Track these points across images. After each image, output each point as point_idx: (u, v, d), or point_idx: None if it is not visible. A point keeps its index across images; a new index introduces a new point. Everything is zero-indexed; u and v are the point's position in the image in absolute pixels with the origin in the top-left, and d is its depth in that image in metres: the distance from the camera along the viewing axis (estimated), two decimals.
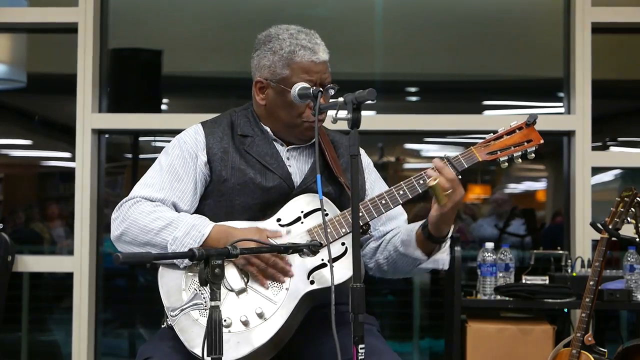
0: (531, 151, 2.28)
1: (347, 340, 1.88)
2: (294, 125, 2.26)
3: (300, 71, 2.20)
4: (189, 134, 2.30)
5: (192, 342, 2.06)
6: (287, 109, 2.24)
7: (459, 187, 2.14)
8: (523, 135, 2.28)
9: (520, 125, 2.30)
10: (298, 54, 2.21)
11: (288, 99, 2.21)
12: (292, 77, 2.21)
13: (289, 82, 2.21)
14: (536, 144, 2.28)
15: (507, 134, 2.29)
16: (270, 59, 2.24)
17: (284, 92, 2.22)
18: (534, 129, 2.29)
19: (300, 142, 2.31)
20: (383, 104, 4.49)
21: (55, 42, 4.55)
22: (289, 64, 2.21)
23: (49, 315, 5.12)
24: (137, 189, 2.25)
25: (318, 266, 2.15)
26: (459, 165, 2.22)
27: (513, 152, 2.26)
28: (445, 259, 2.28)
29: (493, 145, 2.27)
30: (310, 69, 2.20)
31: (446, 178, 2.12)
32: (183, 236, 2.12)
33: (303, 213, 2.22)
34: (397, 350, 2.19)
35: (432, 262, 2.26)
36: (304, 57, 2.20)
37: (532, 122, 2.29)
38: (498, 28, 4.65)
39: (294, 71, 2.21)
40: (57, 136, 5.33)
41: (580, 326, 2.83)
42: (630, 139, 4.92)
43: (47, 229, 5.50)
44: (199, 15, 4.57)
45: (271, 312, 2.10)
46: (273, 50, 2.24)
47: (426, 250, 2.23)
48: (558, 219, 5.31)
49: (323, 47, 2.25)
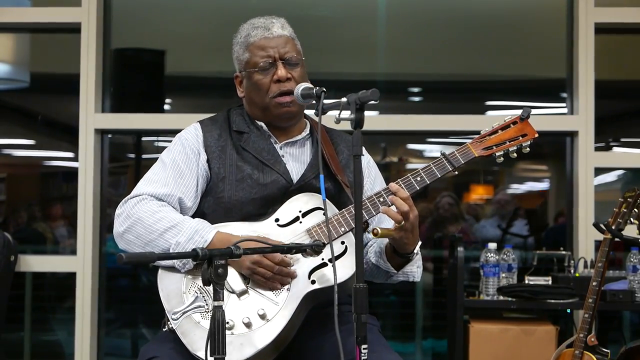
0: (526, 145, 2.28)
1: (350, 340, 1.88)
2: (267, 106, 2.29)
3: (257, 49, 2.27)
4: (189, 132, 2.32)
5: (195, 345, 2.06)
6: (256, 91, 2.29)
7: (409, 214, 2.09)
8: (518, 129, 2.29)
9: (514, 119, 2.30)
10: (252, 35, 2.29)
11: (254, 80, 2.28)
12: (252, 58, 2.28)
13: (251, 63, 2.28)
14: (531, 138, 2.28)
15: (501, 128, 2.29)
16: (236, 51, 2.34)
17: (250, 75, 2.29)
18: (528, 123, 2.30)
19: (282, 122, 2.32)
20: (385, 104, 4.48)
21: (58, 42, 4.54)
22: (247, 47, 2.29)
23: (52, 315, 5.12)
24: (141, 185, 2.26)
25: (318, 266, 2.15)
26: (456, 162, 2.23)
27: (508, 146, 2.27)
28: (415, 272, 2.29)
29: (488, 141, 2.28)
30: (264, 45, 2.27)
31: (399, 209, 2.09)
32: (186, 241, 2.12)
33: (301, 213, 2.22)
34: (399, 350, 2.19)
35: (402, 274, 2.28)
36: (256, 35, 2.28)
37: (526, 116, 2.29)
38: (501, 28, 4.64)
39: (251, 52, 2.28)
40: (60, 136, 5.33)
41: (583, 327, 2.83)
42: (633, 139, 4.91)
43: (50, 228, 5.50)
44: (202, 15, 4.56)
45: (273, 313, 2.10)
46: (236, 41, 2.34)
47: (395, 263, 2.24)
48: (561, 219, 5.30)
49: (279, 24, 2.30)
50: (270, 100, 2.27)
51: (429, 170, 2.22)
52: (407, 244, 2.16)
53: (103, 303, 4.03)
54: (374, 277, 2.34)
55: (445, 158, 2.22)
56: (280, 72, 2.24)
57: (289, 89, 2.24)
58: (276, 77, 2.25)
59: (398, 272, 2.25)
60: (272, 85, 2.26)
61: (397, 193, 2.12)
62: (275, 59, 2.25)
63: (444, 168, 2.23)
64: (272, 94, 2.26)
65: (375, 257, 2.27)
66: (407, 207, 2.09)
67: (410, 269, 2.27)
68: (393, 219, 2.10)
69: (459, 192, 6.58)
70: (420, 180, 2.20)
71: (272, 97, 2.26)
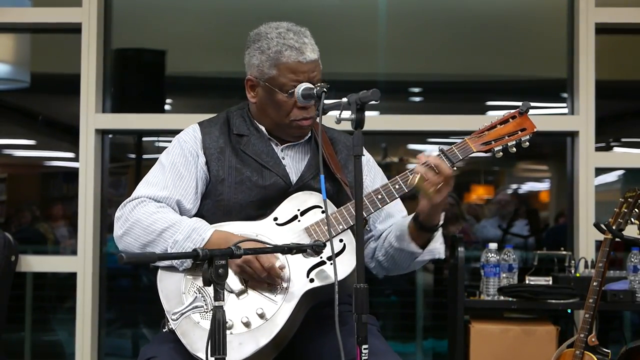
0: (525, 140, 2.26)
1: (349, 340, 1.88)
2: (283, 125, 2.26)
3: (287, 71, 2.20)
4: (188, 134, 2.31)
5: (194, 345, 2.06)
6: (275, 108, 2.25)
7: (449, 183, 2.13)
8: (517, 124, 2.26)
9: (513, 114, 2.28)
10: (284, 54, 2.20)
11: (276, 98, 2.22)
12: (279, 77, 2.21)
13: (277, 82, 2.21)
14: (530, 132, 2.26)
15: (500, 123, 2.27)
16: (259, 59, 2.24)
17: (272, 91, 2.22)
18: (527, 117, 2.27)
19: (293, 139, 2.31)
20: (386, 104, 4.48)
21: (59, 42, 4.54)
22: (276, 64, 2.21)
23: (53, 315, 5.13)
24: (140, 188, 2.26)
25: (317, 264, 2.15)
26: (454, 157, 2.21)
27: (507, 141, 2.25)
28: (439, 248, 2.28)
29: (487, 136, 2.25)
30: (296, 69, 2.19)
31: (443, 173, 2.11)
32: (183, 240, 2.12)
33: (299, 211, 2.22)
34: (400, 350, 2.19)
35: (428, 253, 2.26)
36: (290, 57, 2.19)
37: (525, 110, 2.27)
38: (501, 28, 4.64)
39: (280, 71, 2.20)
40: (61, 136, 5.33)
41: (583, 327, 2.83)
42: (633, 139, 4.91)
43: (51, 228, 5.51)
44: (202, 15, 4.57)
45: (272, 312, 2.10)
46: (261, 49, 2.23)
47: (420, 242, 2.23)
48: (561, 219, 5.31)
49: (311, 46, 2.22)
50: (290, 122, 2.24)
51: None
52: (437, 213, 2.17)
53: (104, 303, 4.03)
54: (397, 266, 2.32)
55: (444, 154, 2.21)
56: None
57: (312, 116, 2.23)
58: (300, 104, 2.20)
59: (424, 251, 2.25)
60: (294, 109, 2.22)
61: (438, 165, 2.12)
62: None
63: None
64: (293, 117, 2.23)
65: (398, 241, 2.25)
66: (451, 172, 2.11)
67: (435, 246, 2.26)
68: (432, 182, 2.11)
69: (460, 192, 6.58)
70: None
71: (292, 119, 2.24)
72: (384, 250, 2.31)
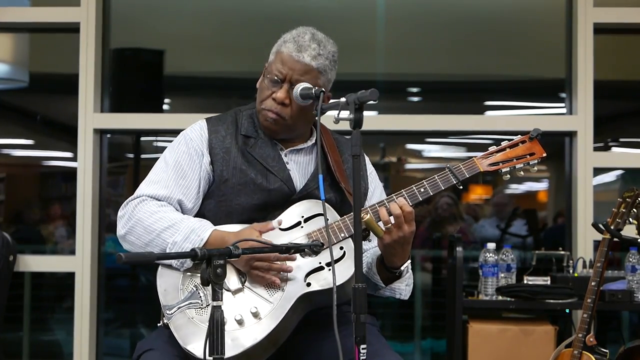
0: (533, 164, 2.30)
1: (348, 341, 1.88)
2: (258, 110, 2.30)
3: (279, 60, 2.23)
4: (195, 131, 2.31)
5: (186, 339, 2.07)
6: (259, 91, 2.30)
7: (404, 225, 2.11)
8: (526, 148, 2.32)
9: (523, 138, 2.33)
10: (286, 45, 2.24)
11: (262, 83, 2.27)
12: (272, 63, 2.26)
13: (269, 67, 2.27)
14: (538, 157, 2.31)
15: (510, 147, 2.32)
16: (274, 45, 2.30)
17: (264, 75, 2.28)
18: (537, 143, 2.32)
19: (265, 130, 2.30)
20: (385, 104, 4.48)
21: (58, 42, 4.54)
22: (277, 51, 2.26)
23: (51, 315, 5.12)
24: (143, 186, 2.26)
25: (315, 269, 2.15)
26: (461, 175, 2.24)
27: (515, 164, 2.30)
28: (402, 289, 2.29)
29: (495, 157, 2.30)
30: (285, 61, 2.22)
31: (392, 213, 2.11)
32: (182, 240, 2.13)
33: (303, 218, 2.23)
34: (398, 350, 2.19)
35: (389, 290, 2.29)
36: (287, 49, 2.23)
37: (535, 136, 2.32)
38: (500, 28, 4.64)
39: (275, 58, 2.25)
40: (59, 136, 5.32)
41: (582, 327, 2.83)
42: (632, 139, 4.91)
43: (49, 228, 5.50)
44: (201, 15, 4.57)
45: (266, 312, 2.10)
46: (280, 39, 2.29)
47: (384, 277, 2.25)
48: (560, 219, 5.30)
49: (314, 53, 2.21)
50: (261, 110, 2.28)
51: (433, 183, 2.24)
52: (394, 256, 2.17)
53: (102, 303, 4.03)
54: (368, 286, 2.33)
55: (451, 171, 2.24)
56: (280, 94, 2.22)
57: (278, 112, 2.23)
58: (274, 95, 2.23)
59: (386, 286, 2.27)
60: (268, 98, 2.25)
61: (402, 207, 2.12)
62: (285, 80, 2.22)
63: (448, 181, 2.24)
64: (264, 106, 2.26)
65: (366, 268, 2.28)
66: (400, 212, 2.10)
67: (398, 286, 2.28)
68: (382, 219, 2.12)
69: (458, 192, 6.58)
70: (424, 191, 2.22)
71: (263, 107, 2.26)
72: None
